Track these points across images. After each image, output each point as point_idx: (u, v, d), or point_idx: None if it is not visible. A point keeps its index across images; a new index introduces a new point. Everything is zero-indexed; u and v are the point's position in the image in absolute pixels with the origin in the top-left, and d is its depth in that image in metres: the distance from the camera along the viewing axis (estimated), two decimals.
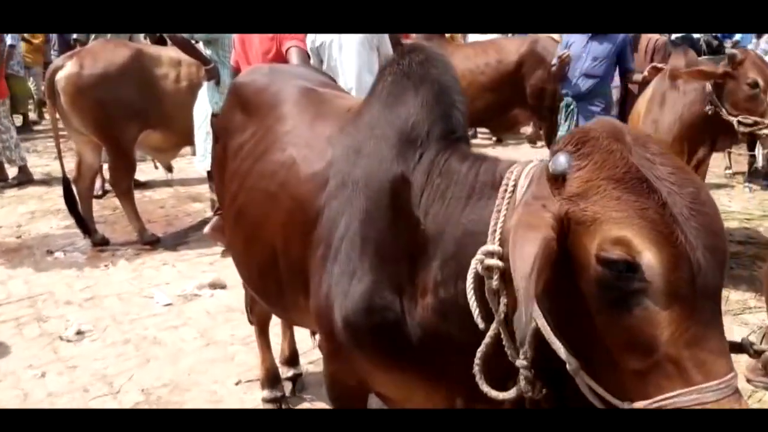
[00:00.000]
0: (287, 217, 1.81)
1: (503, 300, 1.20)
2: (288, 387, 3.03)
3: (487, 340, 1.24)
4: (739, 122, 3.48)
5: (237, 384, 3.15)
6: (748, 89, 3.44)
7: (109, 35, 5.28)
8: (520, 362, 1.16)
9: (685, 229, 0.99)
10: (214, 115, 4.60)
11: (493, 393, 1.25)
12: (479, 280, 1.23)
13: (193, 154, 5.33)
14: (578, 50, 4.67)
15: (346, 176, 1.63)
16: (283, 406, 2.89)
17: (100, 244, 4.92)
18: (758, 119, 3.43)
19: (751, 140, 5.42)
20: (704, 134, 3.71)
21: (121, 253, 4.83)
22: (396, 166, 1.52)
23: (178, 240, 5.16)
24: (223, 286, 4.23)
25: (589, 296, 1.05)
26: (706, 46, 6.95)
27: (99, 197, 5.81)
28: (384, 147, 1.56)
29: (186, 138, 5.06)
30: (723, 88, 3.55)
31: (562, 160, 1.09)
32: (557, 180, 1.09)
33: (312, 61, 4.22)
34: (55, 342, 3.55)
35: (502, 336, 1.22)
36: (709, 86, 3.59)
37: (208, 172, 4.99)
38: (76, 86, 4.62)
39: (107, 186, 5.74)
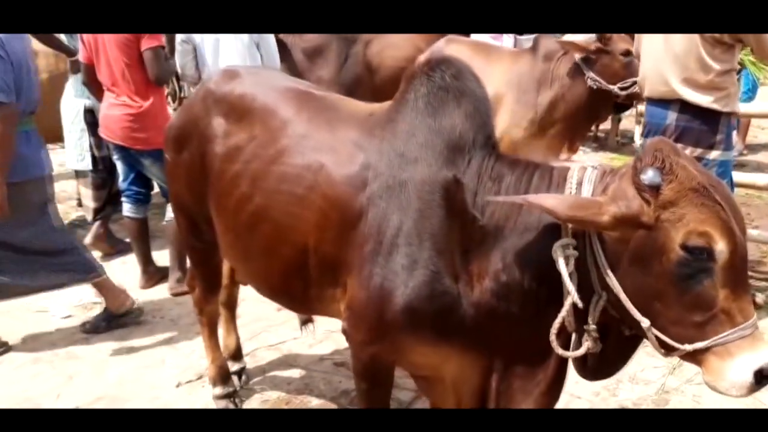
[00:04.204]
0: (320, 217, 1.89)
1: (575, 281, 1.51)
2: (236, 381, 3.04)
3: (563, 313, 1.53)
4: (620, 88, 3.90)
5: (177, 386, 3.09)
6: (623, 58, 3.90)
7: None
8: (592, 326, 1.54)
9: (734, 221, 1.38)
10: (87, 111, 4.31)
11: (568, 353, 1.58)
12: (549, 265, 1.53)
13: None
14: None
15: (391, 179, 1.77)
16: (236, 400, 2.92)
17: None
18: (636, 79, 3.71)
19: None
20: (587, 109, 4.14)
21: None
22: (447, 170, 1.71)
23: None
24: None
25: (665, 273, 1.40)
26: None
27: None
28: (430, 153, 1.73)
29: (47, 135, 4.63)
30: (595, 65, 3.98)
31: (655, 175, 1.39)
32: (651, 189, 1.39)
33: (178, 59, 4.07)
34: None
35: (568, 310, 1.53)
36: (583, 65, 3.99)
37: (77, 171, 4.66)
38: None
39: None
